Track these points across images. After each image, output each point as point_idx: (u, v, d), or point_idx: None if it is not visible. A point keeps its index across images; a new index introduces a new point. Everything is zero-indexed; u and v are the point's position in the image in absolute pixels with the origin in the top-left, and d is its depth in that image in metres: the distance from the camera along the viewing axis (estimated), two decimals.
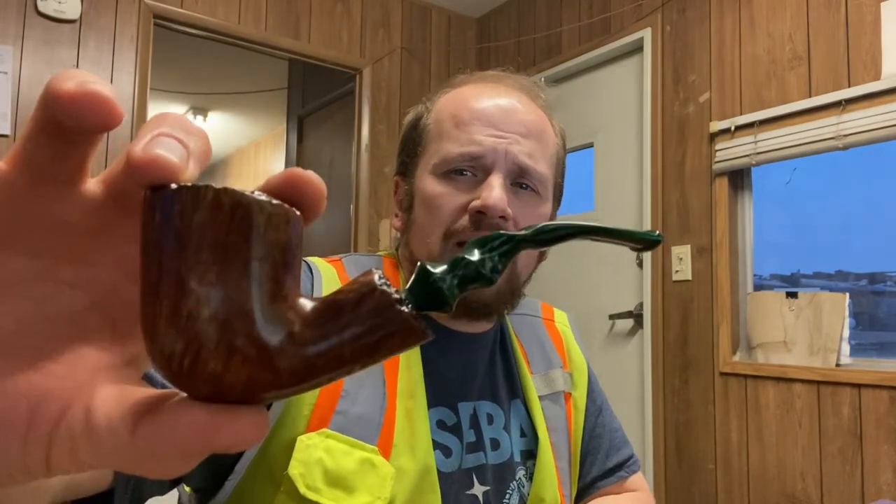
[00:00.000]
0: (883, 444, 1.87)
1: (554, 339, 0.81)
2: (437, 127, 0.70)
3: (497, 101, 0.69)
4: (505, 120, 0.67)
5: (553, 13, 3.07)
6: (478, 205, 0.64)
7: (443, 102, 0.71)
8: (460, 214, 0.66)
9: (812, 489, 2.02)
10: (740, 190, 2.35)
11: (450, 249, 0.65)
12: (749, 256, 2.34)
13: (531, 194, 0.69)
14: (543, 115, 0.73)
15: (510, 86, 0.72)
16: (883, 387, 1.87)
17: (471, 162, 0.66)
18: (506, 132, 0.67)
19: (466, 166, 0.66)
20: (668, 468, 2.42)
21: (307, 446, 0.58)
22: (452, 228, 0.66)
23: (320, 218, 0.19)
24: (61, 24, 2.44)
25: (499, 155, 0.66)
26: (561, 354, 0.80)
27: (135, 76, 2.58)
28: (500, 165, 0.66)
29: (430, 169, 0.68)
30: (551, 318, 0.84)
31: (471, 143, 0.66)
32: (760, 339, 2.21)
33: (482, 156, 0.66)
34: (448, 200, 0.66)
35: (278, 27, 2.93)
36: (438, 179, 0.67)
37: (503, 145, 0.66)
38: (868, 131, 1.92)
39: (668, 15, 2.56)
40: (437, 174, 0.67)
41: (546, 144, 0.71)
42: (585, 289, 2.84)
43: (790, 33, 2.16)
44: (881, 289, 2.19)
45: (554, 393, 0.77)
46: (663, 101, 2.54)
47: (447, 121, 0.69)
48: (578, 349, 0.83)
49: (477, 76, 0.74)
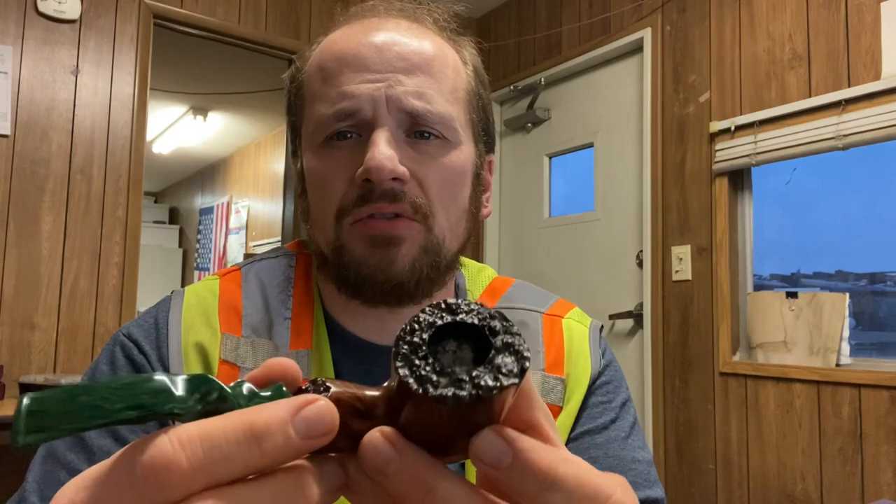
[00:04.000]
0: (883, 444, 1.87)
1: (553, 336, 0.63)
2: (308, 88, 0.57)
3: (368, 37, 0.55)
4: (379, 59, 0.54)
5: (553, 13, 3.07)
6: (360, 172, 0.52)
7: (314, 59, 0.58)
8: (349, 187, 0.54)
9: (812, 489, 2.02)
10: (740, 190, 2.35)
11: (346, 232, 0.54)
12: (749, 256, 2.34)
13: (435, 142, 0.56)
14: (436, 40, 0.58)
15: (386, 15, 0.58)
16: (883, 387, 1.87)
17: (348, 121, 0.54)
18: (382, 72, 0.53)
19: (345, 127, 0.54)
20: (669, 468, 2.42)
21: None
22: (342, 205, 0.54)
23: None
24: (61, 24, 2.44)
25: (378, 103, 0.53)
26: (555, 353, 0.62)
27: (135, 76, 2.58)
28: (382, 116, 0.53)
29: (311, 140, 0.56)
30: (560, 315, 0.65)
31: (341, 98, 0.53)
32: (760, 339, 2.21)
33: (357, 109, 0.53)
34: (333, 175, 0.54)
35: (278, 27, 2.93)
36: (319, 151, 0.56)
37: (381, 91, 0.53)
38: (868, 131, 1.92)
39: (668, 15, 2.56)
40: (315, 145, 0.56)
41: (443, 76, 0.56)
42: (585, 289, 2.84)
43: (790, 33, 2.17)
44: (881, 289, 2.19)
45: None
46: (663, 101, 2.54)
47: (314, 78, 0.56)
48: (588, 354, 0.63)
49: (351, 12, 0.60)
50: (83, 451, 0.51)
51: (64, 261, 2.41)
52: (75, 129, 2.46)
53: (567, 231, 2.97)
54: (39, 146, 2.39)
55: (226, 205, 6.45)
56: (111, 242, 2.50)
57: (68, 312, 2.40)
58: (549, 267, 3.02)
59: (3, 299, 2.29)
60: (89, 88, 2.49)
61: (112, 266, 2.50)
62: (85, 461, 0.50)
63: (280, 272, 0.61)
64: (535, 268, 3.10)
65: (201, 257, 6.90)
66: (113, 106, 2.54)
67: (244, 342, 0.55)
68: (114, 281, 2.50)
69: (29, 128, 2.37)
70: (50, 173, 2.40)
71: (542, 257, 3.07)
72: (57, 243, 2.40)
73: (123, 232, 2.52)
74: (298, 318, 0.57)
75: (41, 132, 2.39)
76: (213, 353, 0.54)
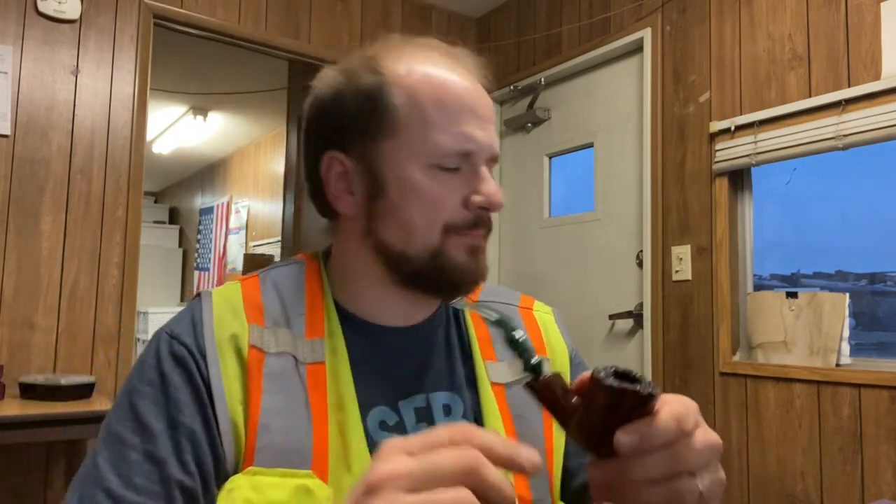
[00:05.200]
0: (883, 444, 1.87)
1: (529, 326, 0.78)
2: (419, 113, 0.65)
3: (467, 83, 0.67)
4: (481, 106, 0.67)
5: (553, 13, 3.07)
6: (481, 201, 0.66)
7: (414, 84, 0.66)
8: (459, 209, 0.66)
9: (812, 489, 2.02)
10: (740, 190, 2.35)
11: (451, 243, 0.66)
12: (749, 256, 2.34)
13: None
14: None
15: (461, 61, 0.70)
16: (883, 387, 1.87)
17: (465, 158, 0.66)
18: (485, 122, 0.67)
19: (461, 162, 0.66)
20: None
21: (229, 491, 0.56)
22: (453, 223, 0.65)
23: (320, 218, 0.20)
24: (61, 24, 2.44)
25: (487, 149, 0.67)
26: (536, 341, 0.77)
27: (135, 76, 2.58)
28: (484, 157, 0.67)
29: (415, 159, 0.65)
30: (529, 308, 0.81)
31: (465, 140, 0.65)
32: (760, 339, 2.21)
33: (476, 152, 0.66)
34: (447, 196, 0.65)
35: (278, 27, 2.93)
36: (429, 171, 0.65)
37: (489, 139, 0.67)
38: (868, 131, 1.92)
39: (668, 15, 2.56)
40: (424, 166, 0.65)
41: None
42: (585, 289, 2.84)
43: (790, 33, 2.17)
44: (881, 289, 2.19)
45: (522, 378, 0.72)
46: (663, 101, 2.54)
47: (432, 108, 0.65)
48: (561, 337, 0.79)
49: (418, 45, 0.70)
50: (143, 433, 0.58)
51: (64, 261, 2.41)
52: (75, 129, 2.46)
53: (567, 231, 2.97)
54: (39, 146, 2.39)
55: (226, 205, 6.45)
56: (111, 242, 2.50)
57: (68, 312, 2.40)
58: (548, 267, 3.02)
59: (3, 299, 2.29)
60: (89, 88, 2.49)
61: (112, 266, 2.50)
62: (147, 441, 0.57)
63: (293, 276, 0.70)
64: (535, 268, 3.10)
65: (201, 257, 6.89)
66: (113, 106, 2.54)
67: (267, 331, 0.64)
68: (114, 281, 2.50)
69: (29, 128, 2.37)
70: (50, 173, 2.40)
71: (541, 257, 3.07)
72: (57, 243, 2.40)
73: (123, 232, 2.53)
74: (311, 313, 0.67)
75: (41, 132, 2.39)
76: (243, 341, 0.62)
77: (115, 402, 0.62)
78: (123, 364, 2.48)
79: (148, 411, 0.58)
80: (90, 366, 2.42)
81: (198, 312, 0.64)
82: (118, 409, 0.60)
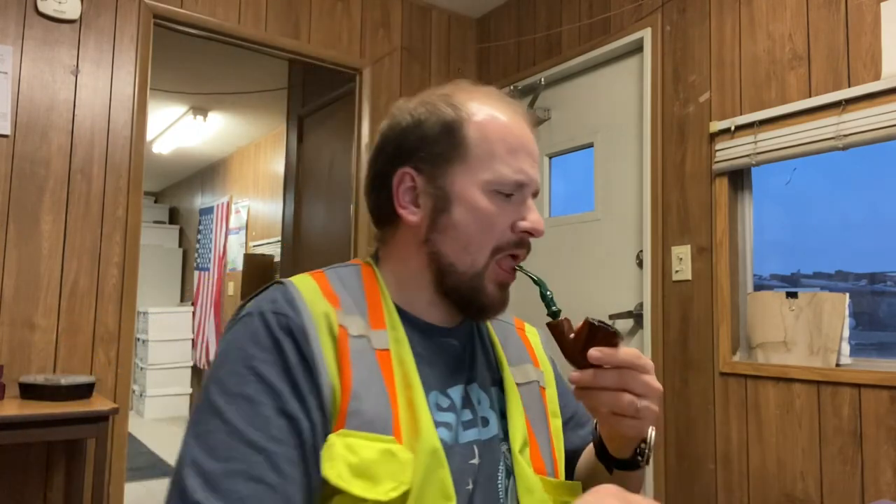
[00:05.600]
0: (883, 444, 1.87)
1: (525, 343, 0.93)
2: (487, 146, 0.78)
3: (526, 131, 0.81)
4: (533, 149, 0.81)
5: (553, 13, 3.07)
6: (528, 227, 0.78)
7: (485, 122, 0.79)
8: (508, 232, 0.77)
9: (812, 489, 2.02)
10: (740, 190, 2.35)
11: (492, 266, 0.78)
12: (749, 256, 2.34)
13: None
14: None
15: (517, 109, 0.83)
16: (883, 387, 1.87)
17: (517, 189, 0.78)
18: (535, 161, 0.81)
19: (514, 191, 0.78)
20: (669, 468, 2.42)
21: (329, 446, 0.64)
22: (500, 243, 0.77)
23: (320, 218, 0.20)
24: (61, 24, 2.44)
25: (533, 185, 0.80)
26: (531, 355, 0.92)
27: (135, 76, 2.58)
28: (532, 189, 0.80)
29: (480, 183, 0.77)
30: (522, 328, 0.96)
31: (521, 173, 0.78)
32: (760, 339, 2.21)
33: (527, 185, 0.79)
34: (501, 219, 0.77)
35: (278, 27, 2.93)
36: (489, 196, 0.77)
37: (536, 176, 0.80)
38: (868, 131, 1.92)
39: (668, 15, 2.56)
40: (486, 190, 0.77)
41: None
42: (585, 289, 2.84)
43: (790, 33, 2.17)
44: (881, 289, 2.19)
45: (529, 382, 0.86)
46: (663, 101, 2.54)
47: (499, 144, 0.78)
48: (545, 356, 0.94)
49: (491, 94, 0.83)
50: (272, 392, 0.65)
51: (64, 261, 2.41)
52: (75, 129, 2.46)
53: (567, 231, 2.97)
54: (39, 146, 2.39)
55: (226, 205, 6.45)
56: (111, 242, 2.50)
57: (68, 312, 2.40)
58: (548, 267, 3.02)
59: (3, 299, 2.29)
60: (89, 88, 2.49)
61: (112, 266, 2.50)
62: (276, 399, 0.64)
63: (354, 275, 0.80)
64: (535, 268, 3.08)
65: (201, 257, 6.89)
66: (113, 106, 2.54)
67: (345, 314, 0.73)
68: (114, 281, 2.50)
69: (29, 128, 2.37)
70: (50, 173, 2.40)
71: (541, 257, 3.07)
72: (57, 243, 2.40)
73: (123, 232, 2.53)
74: (373, 308, 0.76)
75: (41, 132, 2.39)
76: (333, 320, 0.71)
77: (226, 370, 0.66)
78: (123, 364, 2.48)
79: (270, 374, 0.65)
80: (90, 366, 2.42)
81: (288, 293, 0.71)
82: (235, 374, 0.65)
